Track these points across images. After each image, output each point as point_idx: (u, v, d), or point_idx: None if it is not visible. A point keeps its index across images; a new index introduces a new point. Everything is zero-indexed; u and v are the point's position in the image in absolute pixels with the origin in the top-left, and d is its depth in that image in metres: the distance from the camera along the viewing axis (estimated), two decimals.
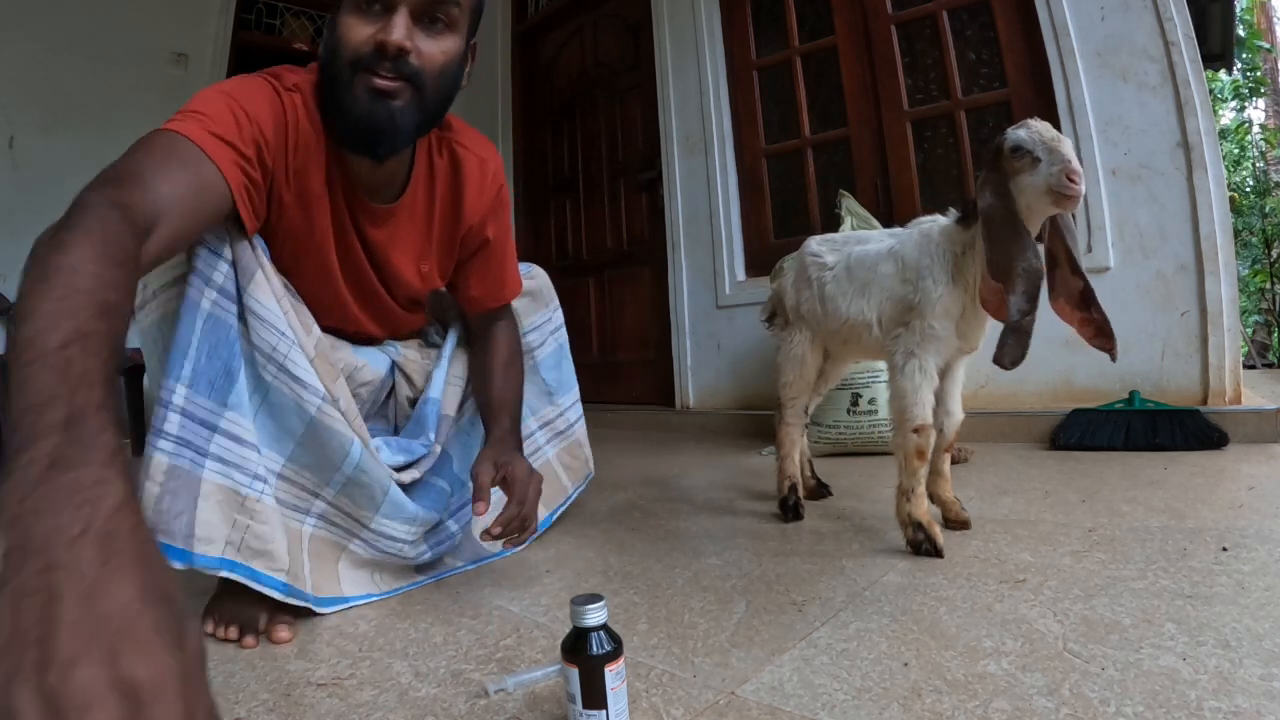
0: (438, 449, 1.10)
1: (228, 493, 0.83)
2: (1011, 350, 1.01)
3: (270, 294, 0.86)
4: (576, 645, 0.58)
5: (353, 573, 0.98)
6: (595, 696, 0.57)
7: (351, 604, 0.96)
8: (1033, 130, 0.96)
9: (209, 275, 0.83)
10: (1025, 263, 0.96)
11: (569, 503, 1.34)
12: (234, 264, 0.84)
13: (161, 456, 0.79)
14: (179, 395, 0.81)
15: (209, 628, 0.87)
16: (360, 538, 0.98)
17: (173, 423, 0.80)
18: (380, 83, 0.81)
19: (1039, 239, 1.02)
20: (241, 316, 0.85)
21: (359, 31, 0.81)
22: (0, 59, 2.70)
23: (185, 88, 2.85)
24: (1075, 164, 0.92)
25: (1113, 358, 1.01)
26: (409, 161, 0.97)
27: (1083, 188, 0.92)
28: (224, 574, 0.83)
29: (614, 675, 0.58)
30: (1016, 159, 0.97)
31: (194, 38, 3.16)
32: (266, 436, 0.89)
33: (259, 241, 0.88)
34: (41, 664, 0.27)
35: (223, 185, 0.76)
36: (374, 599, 0.98)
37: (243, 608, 0.87)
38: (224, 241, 0.84)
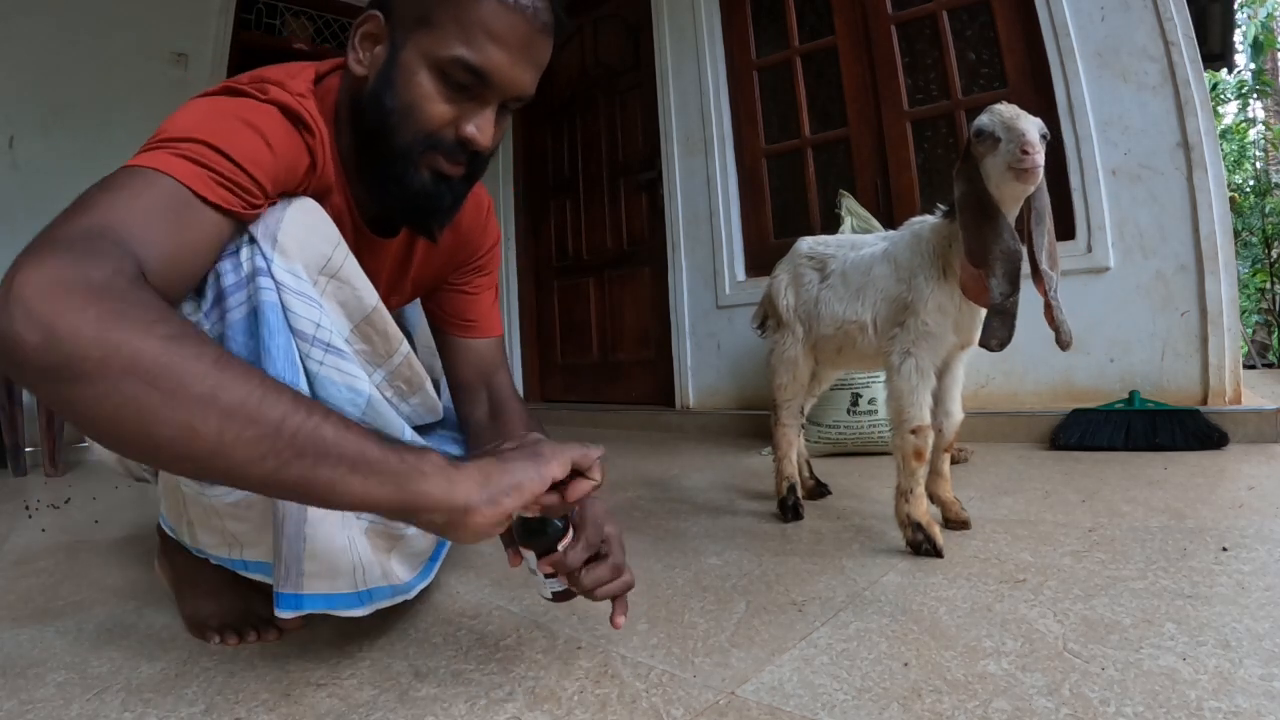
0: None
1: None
2: (998, 332, 1.01)
3: (296, 254, 0.71)
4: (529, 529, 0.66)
5: (403, 560, 0.89)
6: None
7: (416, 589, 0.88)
8: (994, 113, 0.97)
9: (239, 264, 0.69)
10: (1001, 245, 0.97)
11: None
12: (250, 236, 0.70)
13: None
14: None
15: (212, 640, 0.84)
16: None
17: None
18: (449, 168, 0.76)
19: (1021, 223, 1.02)
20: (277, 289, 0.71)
21: (439, 110, 0.72)
22: (0, 59, 2.70)
23: (185, 88, 2.86)
24: (1030, 137, 0.92)
25: (1060, 344, 1.00)
26: None
27: (1038, 159, 0.91)
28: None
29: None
30: (981, 143, 0.98)
31: (194, 38, 3.15)
32: None
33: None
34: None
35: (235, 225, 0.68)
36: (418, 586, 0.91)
37: (228, 604, 0.84)
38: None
